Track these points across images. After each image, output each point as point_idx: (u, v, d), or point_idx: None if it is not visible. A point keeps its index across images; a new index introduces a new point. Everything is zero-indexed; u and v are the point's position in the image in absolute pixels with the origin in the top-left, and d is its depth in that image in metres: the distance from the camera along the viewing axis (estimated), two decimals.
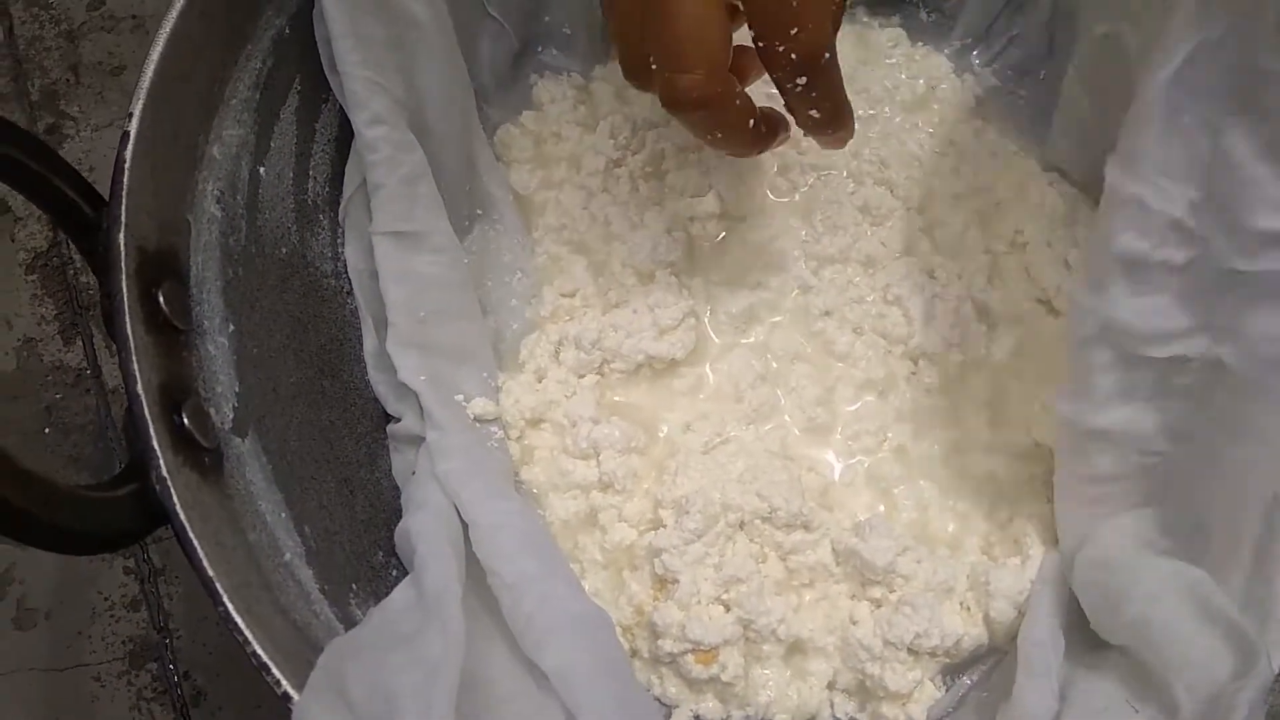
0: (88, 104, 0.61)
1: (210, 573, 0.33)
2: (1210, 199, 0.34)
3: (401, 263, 0.43)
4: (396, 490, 0.44)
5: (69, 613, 0.51)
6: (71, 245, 0.54)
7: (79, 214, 0.36)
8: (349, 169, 0.45)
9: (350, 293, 0.46)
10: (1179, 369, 0.37)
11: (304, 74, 0.45)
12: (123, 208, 0.36)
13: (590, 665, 0.37)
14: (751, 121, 0.40)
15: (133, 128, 0.37)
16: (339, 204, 0.47)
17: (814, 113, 0.39)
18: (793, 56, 0.36)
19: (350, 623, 0.39)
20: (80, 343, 0.55)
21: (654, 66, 0.38)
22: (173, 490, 0.34)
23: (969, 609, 0.44)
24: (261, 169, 0.43)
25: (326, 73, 0.43)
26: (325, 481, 0.42)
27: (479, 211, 0.48)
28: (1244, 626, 0.35)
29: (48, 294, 0.55)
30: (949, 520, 0.46)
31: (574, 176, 0.50)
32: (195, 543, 0.33)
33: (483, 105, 0.51)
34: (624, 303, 0.47)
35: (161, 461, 0.34)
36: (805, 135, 0.42)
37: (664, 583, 0.43)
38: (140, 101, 0.37)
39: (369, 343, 0.45)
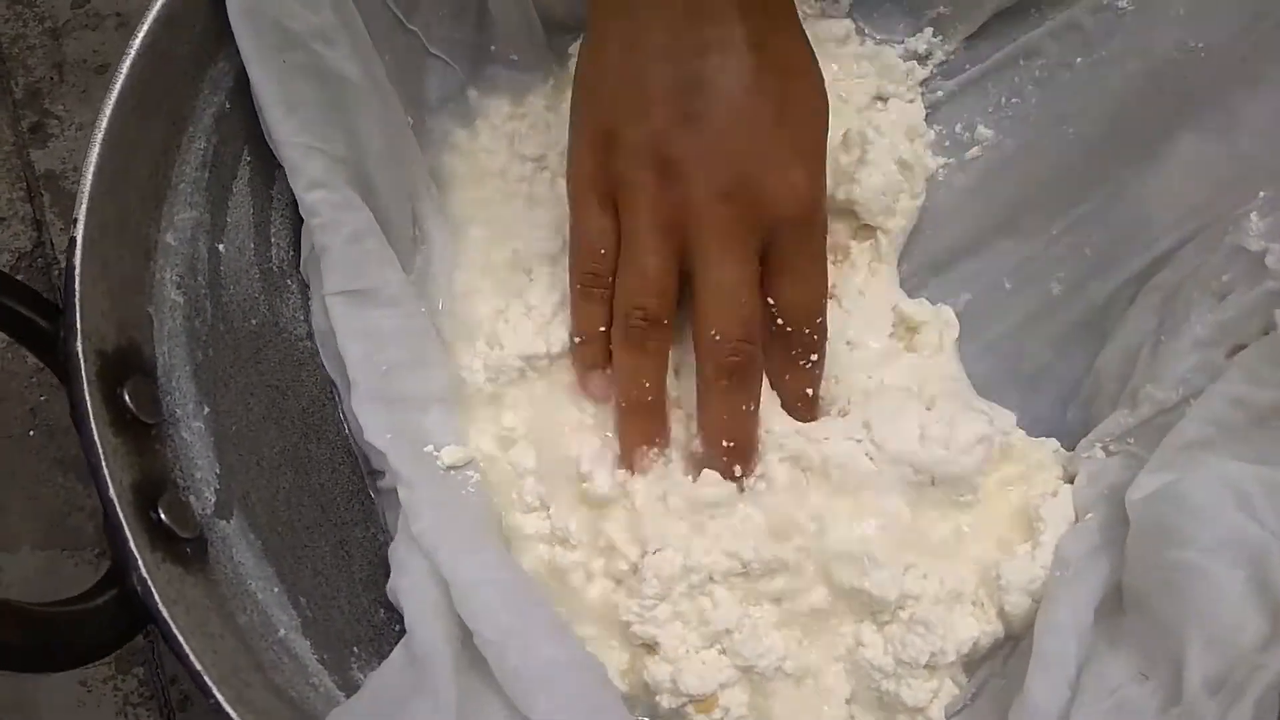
0: (72, 102, 0.60)
1: (198, 666, 0.34)
2: None
3: (356, 320, 0.43)
4: None
5: None
6: (55, 245, 0.54)
7: (36, 329, 0.37)
8: (304, 232, 0.45)
9: None
10: None
11: (251, 145, 0.45)
12: (78, 315, 0.37)
13: (583, 713, 0.38)
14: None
15: (79, 233, 0.38)
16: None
17: (809, 390, 0.45)
18: (815, 338, 0.43)
19: (352, 688, 0.39)
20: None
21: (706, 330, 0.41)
22: (154, 589, 0.34)
23: (982, 605, 0.43)
24: (220, 245, 0.44)
25: (266, 139, 0.44)
26: (319, 547, 0.43)
27: (423, 258, 0.48)
28: None
29: None
30: (948, 516, 0.45)
31: (498, 193, 0.50)
32: (180, 639, 0.34)
33: (430, 123, 0.51)
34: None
35: (140, 563, 0.35)
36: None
37: (648, 644, 0.42)
38: (83, 205, 0.38)
39: (345, 401, 0.46)
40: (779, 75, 0.40)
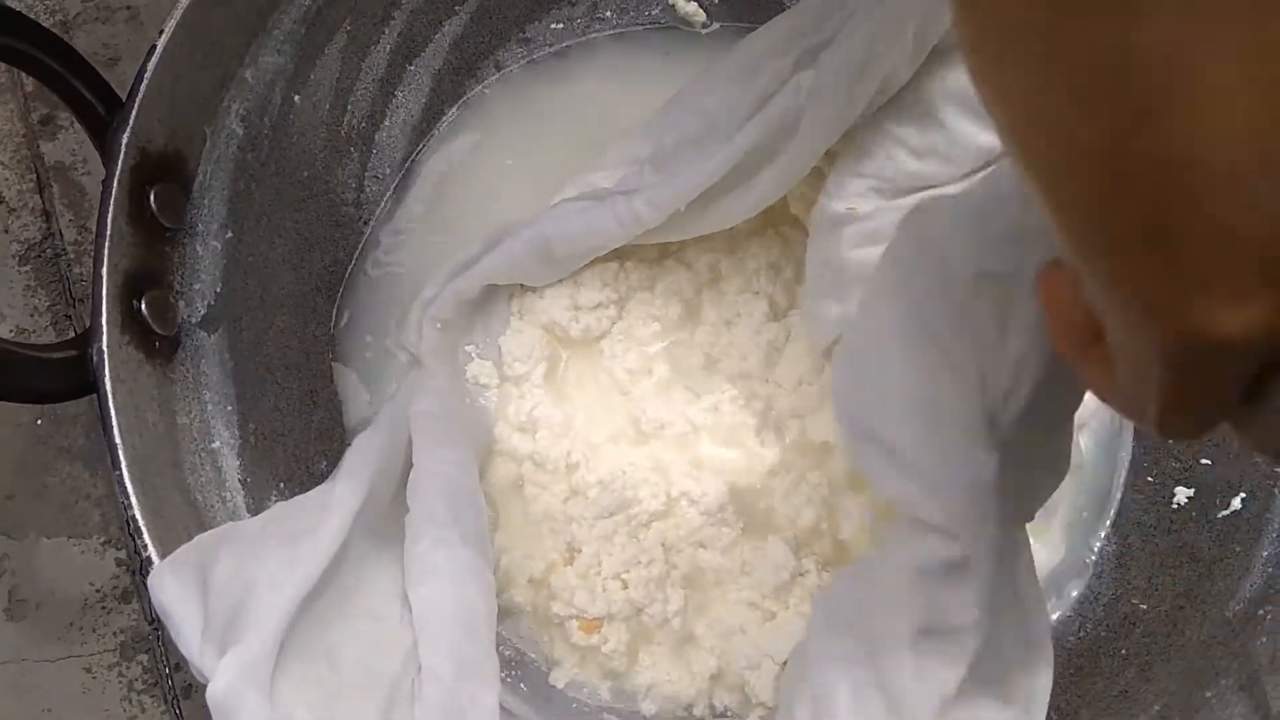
0: None
1: (117, 440, 0.37)
2: None
3: None
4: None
5: (60, 604, 0.51)
6: (64, 236, 0.55)
7: (95, 114, 0.41)
8: None
9: (367, 221, 0.50)
10: None
11: (355, 15, 0.48)
12: (134, 111, 0.40)
13: (450, 611, 0.40)
14: None
15: (161, 43, 0.41)
16: (373, 139, 0.50)
17: None
18: None
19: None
20: (73, 334, 0.52)
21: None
22: (107, 363, 0.38)
23: None
24: (296, 97, 0.47)
25: None
26: (289, 388, 0.46)
27: None
28: None
29: (41, 285, 0.55)
30: None
31: None
32: (113, 413, 0.38)
33: None
34: None
35: (105, 337, 0.38)
36: None
37: (571, 550, 0.44)
38: (174, 18, 0.42)
39: None
40: None
